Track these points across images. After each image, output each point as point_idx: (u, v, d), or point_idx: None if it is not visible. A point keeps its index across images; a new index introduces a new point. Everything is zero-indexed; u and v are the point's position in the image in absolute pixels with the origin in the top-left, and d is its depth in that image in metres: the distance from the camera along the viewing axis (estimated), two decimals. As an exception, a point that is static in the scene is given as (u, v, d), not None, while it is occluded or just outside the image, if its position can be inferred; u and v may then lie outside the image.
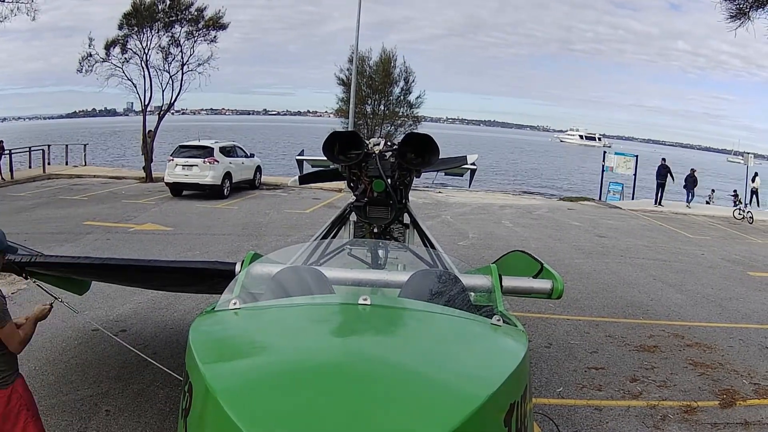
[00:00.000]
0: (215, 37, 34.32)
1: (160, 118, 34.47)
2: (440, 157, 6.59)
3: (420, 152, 6.34)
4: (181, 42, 33.76)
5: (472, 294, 4.62)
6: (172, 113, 38.94)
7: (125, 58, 33.12)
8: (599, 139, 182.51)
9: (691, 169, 34.81)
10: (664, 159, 34.02)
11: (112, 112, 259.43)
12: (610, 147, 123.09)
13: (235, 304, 3.69)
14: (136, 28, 32.66)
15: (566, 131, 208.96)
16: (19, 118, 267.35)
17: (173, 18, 33.10)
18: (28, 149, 35.64)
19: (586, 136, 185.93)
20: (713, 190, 40.00)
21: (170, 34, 33.44)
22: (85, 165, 39.59)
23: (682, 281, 15.10)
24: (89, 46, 32.82)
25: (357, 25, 33.29)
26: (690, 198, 34.26)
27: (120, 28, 32.74)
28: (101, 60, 32.90)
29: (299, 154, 13.83)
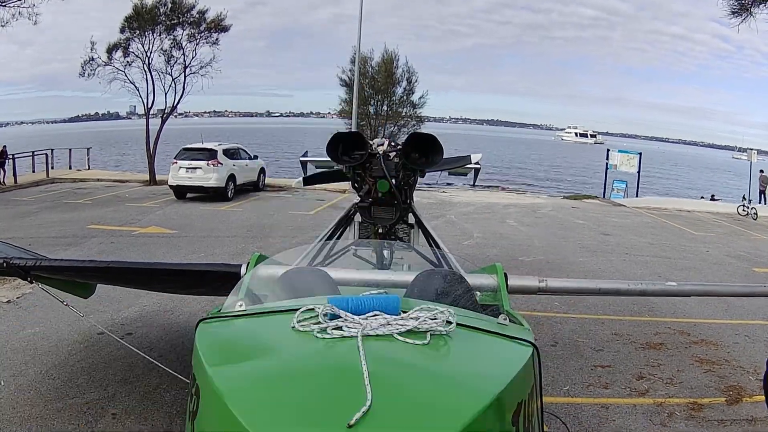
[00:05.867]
0: (217, 39, 34.42)
1: (163, 121, 34.57)
2: (444, 157, 6.61)
3: (424, 152, 6.37)
4: (183, 45, 33.85)
5: (478, 293, 4.62)
6: (176, 116, 39.06)
7: (127, 62, 33.30)
8: (591, 136, 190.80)
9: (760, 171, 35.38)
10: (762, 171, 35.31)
11: (115, 116, 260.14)
12: (602, 144, 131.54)
13: (240, 305, 3.69)
14: (138, 32, 32.73)
15: (564, 129, 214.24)
16: (21, 122, 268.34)
17: (175, 21, 33.17)
18: (31, 153, 35.69)
19: (580, 134, 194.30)
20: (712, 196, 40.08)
21: (172, 37, 33.51)
22: (89, 168, 39.60)
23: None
24: (91, 50, 32.95)
25: (359, 25, 33.36)
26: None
27: (122, 31, 32.85)
28: (103, 64, 33.02)
29: (303, 156, 13.87)
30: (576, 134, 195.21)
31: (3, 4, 28.35)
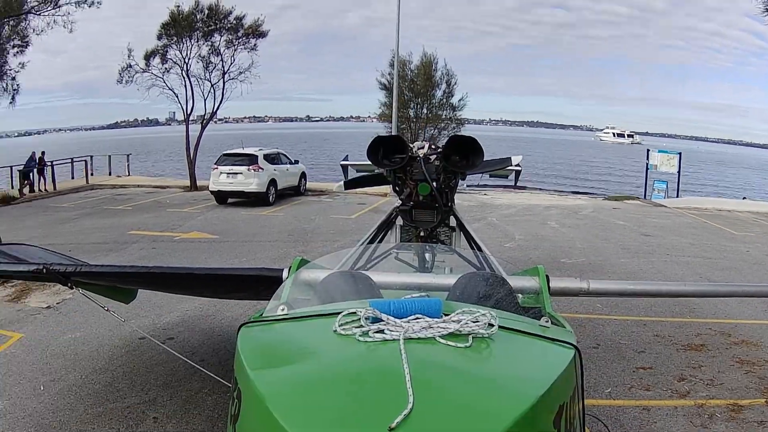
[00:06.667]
0: (255, 45, 34.57)
1: (203, 127, 34.67)
2: (484, 159, 6.60)
3: (464, 155, 6.37)
4: (221, 51, 34.01)
5: (520, 296, 4.61)
6: (215, 122, 39.21)
7: (166, 68, 33.43)
8: (629, 136, 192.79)
9: None
10: None
11: (154, 122, 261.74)
12: (640, 144, 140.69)
13: (282, 309, 3.70)
14: (175, 38, 32.92)
15: (603, 130, 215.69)
16: (60, 129, 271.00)
17: (212, 27, 33.32)
18: (70, 160, 36.02)
19: (618, 134, 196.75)
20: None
21: (210, 43, 33.67)
22: (129, 175, 39.93)
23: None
24: (128, 56, 33.17)
25: (397, 30, 33.38)
26: None
27: (159, 38, 33.07)
28: (141, 70, 33.23)
29: (344, 160, 13.89)
30: (614, 134, 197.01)
31: (38, 13, 28.71)
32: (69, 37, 32.13)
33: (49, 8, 28.91)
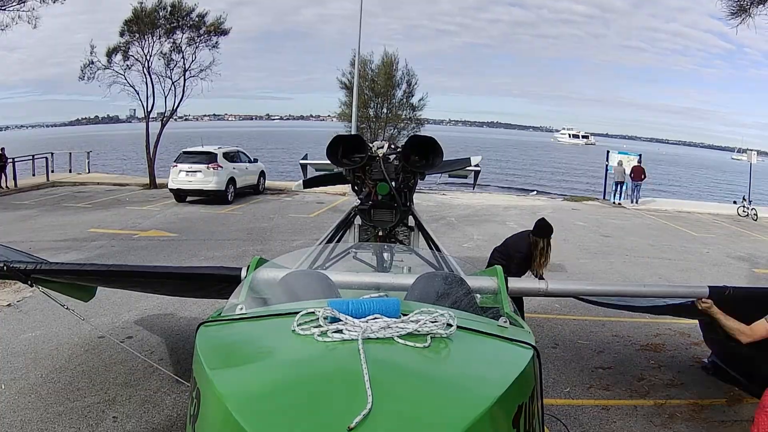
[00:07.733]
0: (217, 42, 34.45)
1: (163, 125, 34.52)
2: (444, 159, 6.61)
3: (424, 155, 6.38)
4: (183, 48, 33.85)
5: (478, 296, 4.62)
6: (175, 119, 38.90)
7: (127, 65, 33.22)
8: (584, 137, 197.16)
9: None
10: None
11: (115, 119, 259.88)
12: (594, 144, 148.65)
13: (241, 309, 3.69)
14: (137, 35, 32.69)
15: (560, 131, 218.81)
16: (21, 126, 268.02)
17: (174, 24, 33.14)
18: (31, 157, 35.67)
19: (573, 135, 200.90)
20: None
21: (172, 41, 33.49)
22: (89, 172, 39.58)
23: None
24: (91, 53, 32.92)
25: (359, 29, 33.33)
26: None
27: (121, 34, 32.82)
28: (103, 67, 32.98)
29: (303, 158, 13.83)
30: (570, 135, 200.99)
31: (2, 8, 28.37)
32: (27, 32, 31.77)
33: (14, 3, 28.59)
